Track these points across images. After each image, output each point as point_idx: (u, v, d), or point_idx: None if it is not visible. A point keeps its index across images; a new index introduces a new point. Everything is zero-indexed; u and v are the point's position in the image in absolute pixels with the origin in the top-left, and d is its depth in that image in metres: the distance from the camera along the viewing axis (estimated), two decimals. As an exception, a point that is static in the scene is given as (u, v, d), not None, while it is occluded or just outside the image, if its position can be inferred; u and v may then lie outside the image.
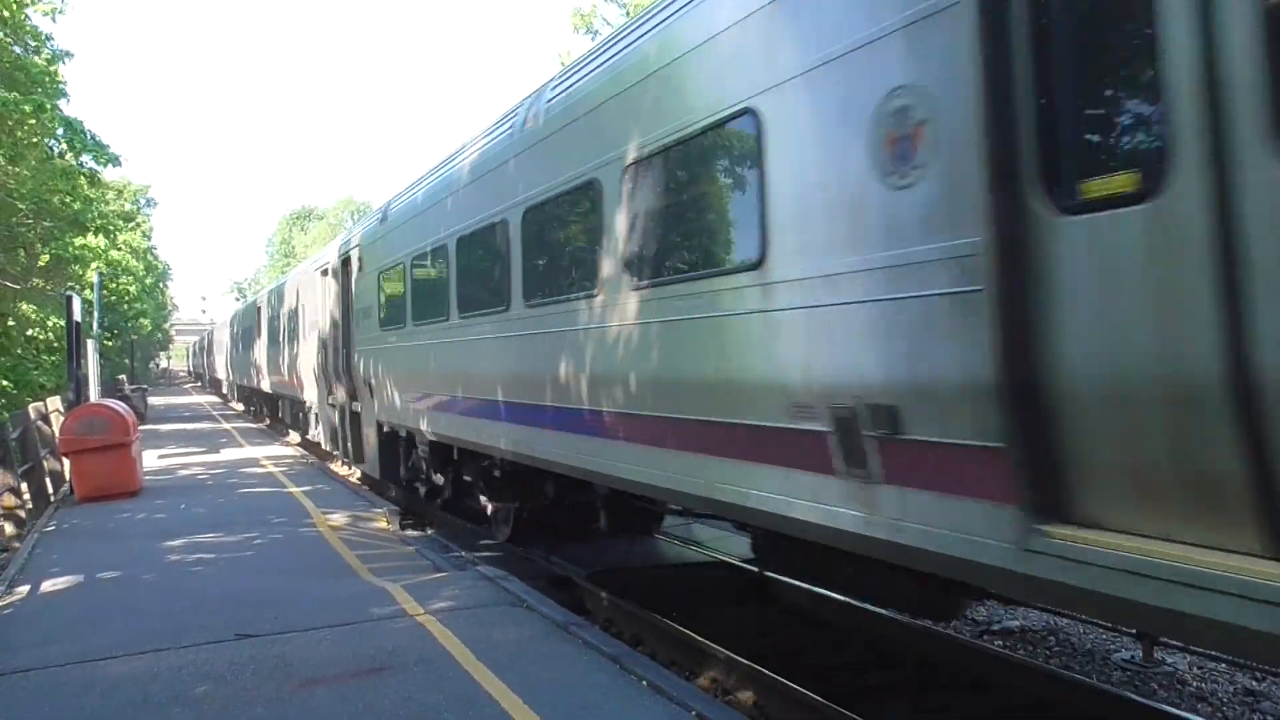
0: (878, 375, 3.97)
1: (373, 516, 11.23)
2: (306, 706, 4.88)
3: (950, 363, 3.60)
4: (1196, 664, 6.58)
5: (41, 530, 10.77)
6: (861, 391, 4.05)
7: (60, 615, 6.91)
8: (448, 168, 10.28)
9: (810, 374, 4.39)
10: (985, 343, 3.40)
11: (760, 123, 4.69)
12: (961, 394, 3.56)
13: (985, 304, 3.39)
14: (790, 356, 4.53)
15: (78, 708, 4.97)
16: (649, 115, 5.77)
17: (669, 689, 5.03)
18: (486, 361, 8.56)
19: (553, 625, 6.30)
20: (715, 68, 5.13)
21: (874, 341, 3.99)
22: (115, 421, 12.96)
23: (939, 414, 3.70)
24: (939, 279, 3.62)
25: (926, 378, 3.74)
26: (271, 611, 6.72)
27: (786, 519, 4.66)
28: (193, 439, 22.79)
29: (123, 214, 39.58)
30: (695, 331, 5.29)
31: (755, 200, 4.74)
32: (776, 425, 4.62)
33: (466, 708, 4.80)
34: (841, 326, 4.18)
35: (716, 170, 5.39)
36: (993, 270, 3.37)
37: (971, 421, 3.53)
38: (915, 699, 5.96)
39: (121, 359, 48.13)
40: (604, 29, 24.89)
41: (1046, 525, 3.30)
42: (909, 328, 3.79)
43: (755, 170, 4.74)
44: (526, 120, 7.82)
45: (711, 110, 5.11)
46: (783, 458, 4.63)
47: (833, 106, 4.21)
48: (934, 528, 3.78)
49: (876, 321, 3.96)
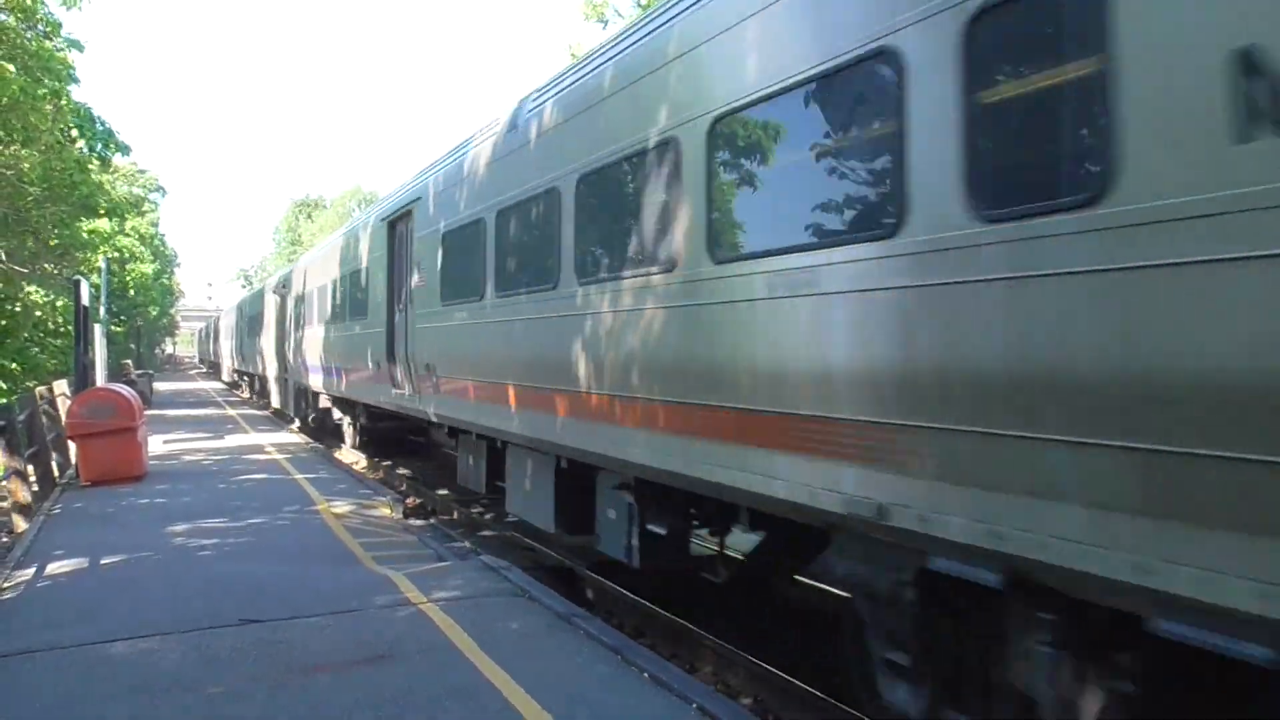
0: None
1: (376, 504, 11.26)
2: (309, 693, 4.90)
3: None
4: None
5: (47, 513, 10.82)
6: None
7: (65, 598, 6.94)
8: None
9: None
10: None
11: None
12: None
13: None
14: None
15: (82, 690, 5.00)
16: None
17: (670, 681, 5.05)
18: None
19: (555, 616, 6.31)
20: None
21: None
22: (121, 406, 13.00)
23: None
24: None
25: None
26: (275, 597, 6.74)
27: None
28: (198, 424, 22.85)
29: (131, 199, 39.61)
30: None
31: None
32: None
33: (468, 697, 4.82)
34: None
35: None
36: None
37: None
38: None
39: (128, 344, 48.28)
40: (615, 19, 24.81)
41: None
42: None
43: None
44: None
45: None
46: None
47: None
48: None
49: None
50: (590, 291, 6.88)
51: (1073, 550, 3.38)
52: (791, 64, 4.78)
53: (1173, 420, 3.04)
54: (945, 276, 3.85)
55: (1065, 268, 3.39)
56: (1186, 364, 3.01)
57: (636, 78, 6.36)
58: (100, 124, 22.66)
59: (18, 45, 18.19)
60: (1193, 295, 2.99)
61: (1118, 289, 3.22)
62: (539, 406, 7.76)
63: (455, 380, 10.03)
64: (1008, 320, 3.61)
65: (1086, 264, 3.32)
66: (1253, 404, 2.84)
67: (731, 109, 5.25)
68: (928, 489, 3.97)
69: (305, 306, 20.51)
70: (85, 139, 21.60)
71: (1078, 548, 3.36)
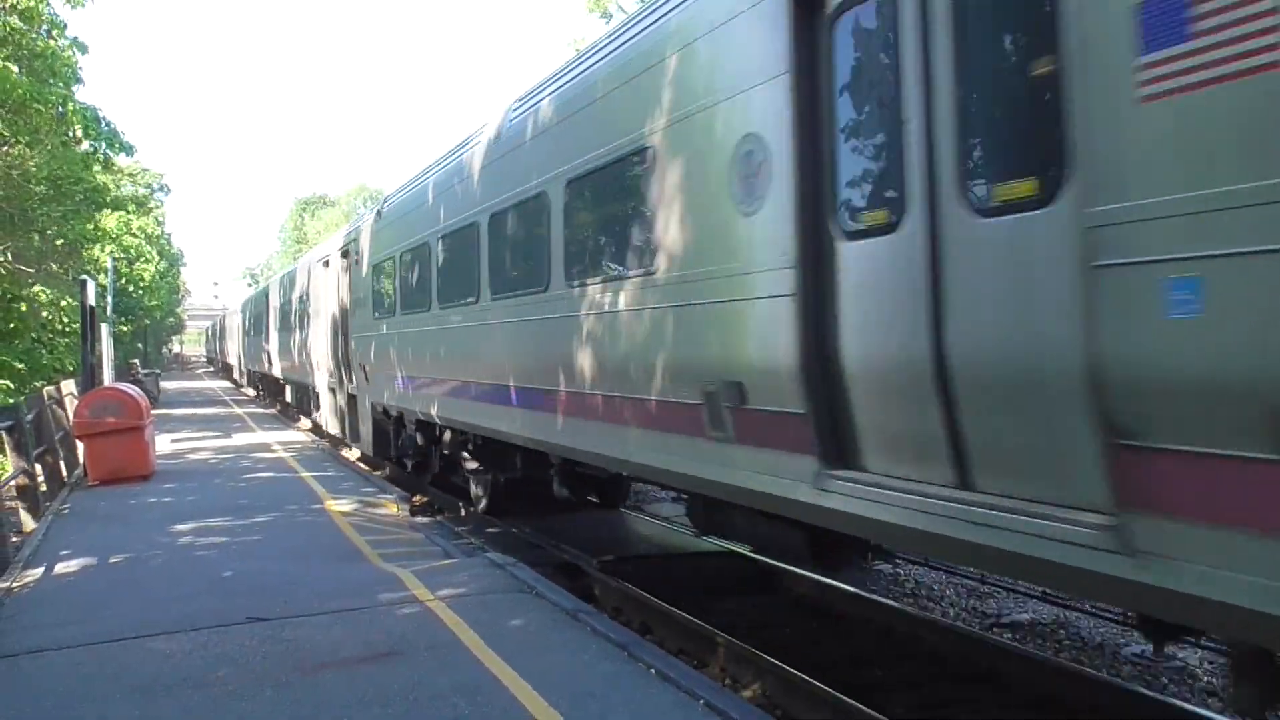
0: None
1: (382, 502, 11.27)
2: (316, 690, 4.91)
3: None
4: (1207, 659, 6.53)
5: (56, 513, 10.86)
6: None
7: (74, 597, 6.96)
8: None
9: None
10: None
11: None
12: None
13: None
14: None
15: (90, 688, 5.01)
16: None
17: (677, 677, 5.03)
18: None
19: (561, 612, 6.30)
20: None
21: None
22: (128, 405, 13.04)
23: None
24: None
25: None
26: (282, 595, 6.75)
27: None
28: (205, 423, 22.92)
29: (136, 199, 39.70)
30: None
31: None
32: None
33: (475, 693, 4.82)
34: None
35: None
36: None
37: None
38: (924, 691, 5.94)
39: (134, 343, 48.40)
40: (618, 13, 24.75)
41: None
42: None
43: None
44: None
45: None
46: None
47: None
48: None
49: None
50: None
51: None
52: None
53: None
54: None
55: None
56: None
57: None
58: (105, 124, 22.70)
59: (23, 46, 18.21)
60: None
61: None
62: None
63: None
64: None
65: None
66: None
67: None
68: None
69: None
70: (90, 139, 21.63)
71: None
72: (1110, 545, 3.17)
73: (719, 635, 6.70)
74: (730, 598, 8.21)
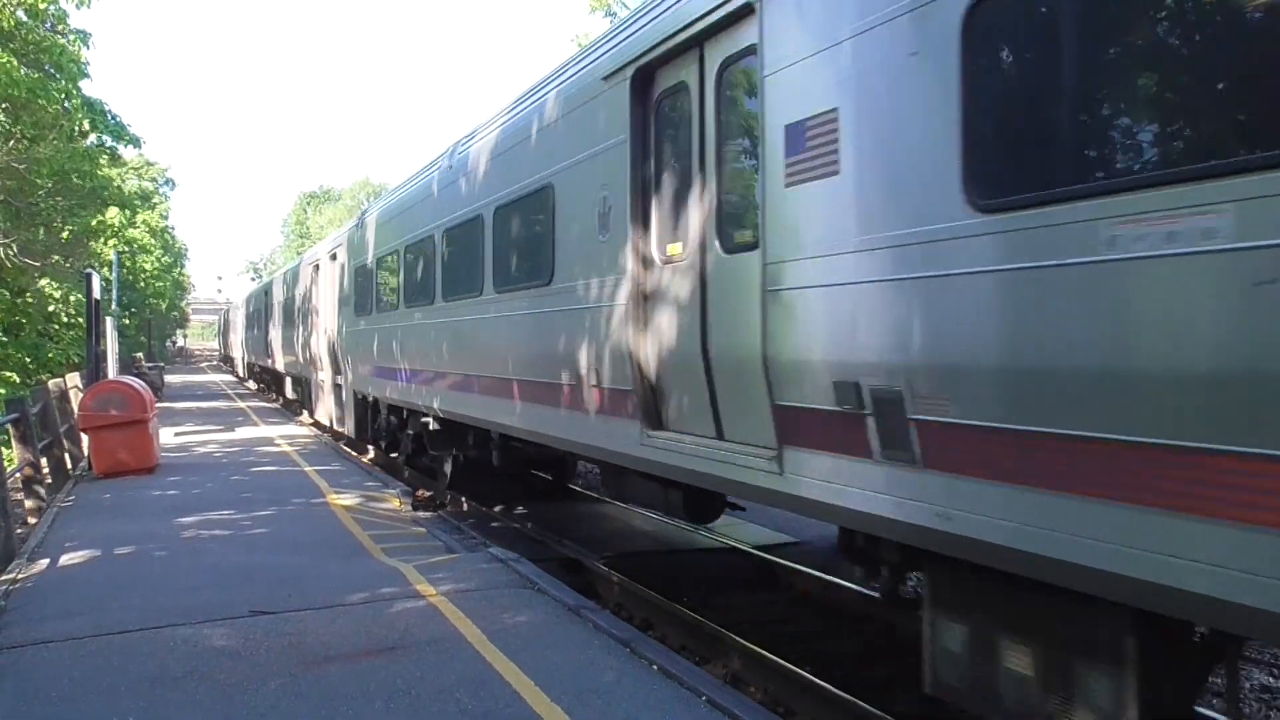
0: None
1: (384, 496, 11.29)
2: (320, 684, 4.93)
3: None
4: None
5: (60, 505, 10.90)
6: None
7: (79, 589, 6.99)
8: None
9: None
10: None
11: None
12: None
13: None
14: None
15: (96, 680, 5.03)
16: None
17: (680, 674, 5.05)
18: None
19: (564, 608, 6.32)
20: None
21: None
22: (133, 398, 13.07)
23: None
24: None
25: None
26: (286, 589, 6.78)
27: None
28: (208, 417, 22.97)
29: (140, 193, 39.74)
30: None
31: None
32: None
33: (478, 688, 4.84)
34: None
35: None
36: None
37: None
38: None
39: (138, 337, 48.47)
40: (621, 11, 24.71)
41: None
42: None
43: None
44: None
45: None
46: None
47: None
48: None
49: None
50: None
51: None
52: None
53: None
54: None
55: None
56: None
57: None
58: (111, 117, 22.73)
59: (29, 40, 18.24)
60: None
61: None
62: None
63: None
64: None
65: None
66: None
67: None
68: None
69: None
70: (96, 132, 21.67)
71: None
72: (774, 469, 4.87)
73: (721, 632, 6.72)
74: (732, 594, 8.23)
